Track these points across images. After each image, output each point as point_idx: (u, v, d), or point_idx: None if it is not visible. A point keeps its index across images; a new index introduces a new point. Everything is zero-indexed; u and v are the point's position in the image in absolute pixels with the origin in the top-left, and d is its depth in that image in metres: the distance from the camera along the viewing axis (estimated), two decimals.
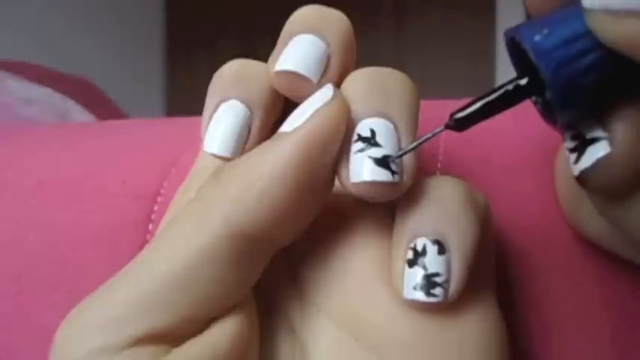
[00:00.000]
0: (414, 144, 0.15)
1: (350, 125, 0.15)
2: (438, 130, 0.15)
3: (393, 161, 0.15)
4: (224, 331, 0.15)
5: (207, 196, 0.15)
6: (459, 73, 1.60)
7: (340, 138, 0.15)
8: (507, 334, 0.16)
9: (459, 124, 0.15)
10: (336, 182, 0.16)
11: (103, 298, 0.14)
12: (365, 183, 0.15)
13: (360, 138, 0.15)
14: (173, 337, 0.14)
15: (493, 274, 0.17)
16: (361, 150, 0.15)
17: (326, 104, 0.15)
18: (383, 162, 0.15)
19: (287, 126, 0.15)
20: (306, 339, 0.16)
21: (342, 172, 0.15)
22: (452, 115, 0.15)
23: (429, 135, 0.15)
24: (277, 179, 0.14)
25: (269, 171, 0.14)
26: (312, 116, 0.15)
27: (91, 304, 0.14)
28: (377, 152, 0.15)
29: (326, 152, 0.15)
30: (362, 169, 0.15)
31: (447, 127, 0.15)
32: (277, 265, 0.16)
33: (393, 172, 0.15)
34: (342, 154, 0.15)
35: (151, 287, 0.14)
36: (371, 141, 0.15)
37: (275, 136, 0.15)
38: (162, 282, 0.14)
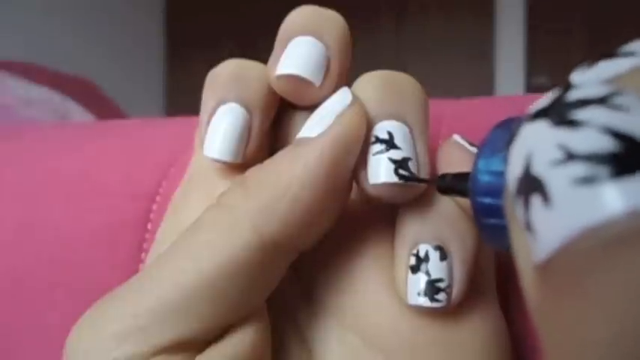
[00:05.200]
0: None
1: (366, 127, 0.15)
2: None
3: (412, 163, 0.15)
4: (244, 337, 0.15)
5: (235, 206, 0.14)
6: (459, 73, 1.60)
7: (362, 141, 0.15)
8: (508, 332, 0.16)
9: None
10: None
11: (121, 307, 0.14)
12: (385, 184, 0.15)
13: (379, 140, 0.15)
14: (196, 344, 0.14)
15: (493, 274, 0.17)
16: (380, 152, 0.15)
17: (348, 108, 0.15)
18: (402, 164, 0.15)
19: (308, 131, 0.15)
20: (313, 340, 0.16)
21: (361, 174, 0.15)
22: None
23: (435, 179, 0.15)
24: (308, 186, 0.14)
25: (299, 178, 0.14)
26: (335, 121, 0.15)
27: (108, 314, 0.14)
28: (397, 154, 0.15)
29: (350, 156, 0.15)
30: (381, 170, 0.15)
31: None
32: None
33: (412, 174, 0.15)
34: (359, 156, 0.15)
35: (177, 297, 0.14)
36: (390, 143, 0.15)
37: (297, 141, 0.15)
38: (190, 291, 0.14)
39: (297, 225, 0.14)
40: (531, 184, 0.09)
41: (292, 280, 0.17)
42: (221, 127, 0.16)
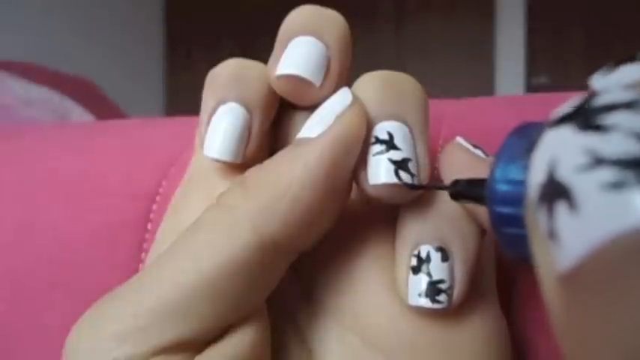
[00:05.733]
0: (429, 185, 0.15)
1: (366, 128, 0.15)
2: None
3: (412, 164, 0.15)
4: (244, 338, 0.15)
5: (235, 206, 0.14)
6: (459, 73, 1.60)
7: (362, 142, 0.15)
8: (509, 333, 0.16)
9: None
10: None
11: (121, 307, 0.14)
12: (384, 185, 0.15)
13: (378, 140, 0.15)
14: (196, 344, 0.14)
15: (494, 275, 0.17)
16: (380, 152, 0.15)
17: (348, 109, 0.15)
18: (402, 164, 0.15)
19: (308, 131, 0.15)
20: (313, 340, 0.16)
21: (360, 174, 0.15)
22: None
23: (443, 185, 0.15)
24: (308, 187, 0.14)
25: (299, 179, 0.14)
26: (335, 121, 0.15)
27: (108, 314, 0.14)
28: (397, 155, 0.15)
29: (350, 157, 0.15)
30: (381, 171, 0.15)
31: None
32: None
33: (412, 175, 0.15)
34: (359, 157, 0.15)
35: (177, 297, 0.14)
36: (390, 144, 0.15)
37: (297, 141, 0.15)
38: (190, 292, 0.14)
39: (297, 225, 0.14)
40: (556, 191, 0.09)
41: (292, 281, 0.17)
42: (221, 126, 0.16)
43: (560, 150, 0.09)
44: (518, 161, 0.12)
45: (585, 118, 0.09)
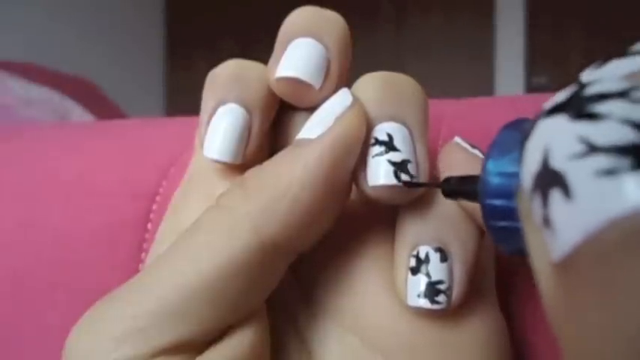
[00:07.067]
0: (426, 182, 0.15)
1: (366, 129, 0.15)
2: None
3: (411, 165, 0.15)
4: (243, 339, 0.15)
5: (235, 207, 0.14)
6: (459, 73, 1.60)
7: (361, 143, 0.15)
8: (508, 333, 0.16)
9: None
10: None
11: (121, 308, 0.14)
12: (384, 187, 0.15)
13: (378, 142, 0.15)
14: (196, 345, 0.14)
15: (493, 276, 0.17)
16: (379, 154, 0.15)
17: (348, 110, 0.15)
18: (402, 166, 0.15)
19: (307, 132, 0.15)
20: (312, 341, 0.16)
21: (360, 175, 0.15)
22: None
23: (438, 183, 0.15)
24: (307, 188, 0.14)
25: (299, 179, 0.14)
26: (335, 123, 0.15)
27: (107, 315, 0.14)
28: (396, 156, 0.15)
29: (350, 158, 0.15)
30: (381, 172, 0.15)
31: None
32: None
33: (411, 176, 0.15)
34: (359, 158, 0.15)
35: (176, 298, 0.14)
36: (389, 145, 0.15)
37: (297, 142, 0.15)
38: (189, 293, 0.14)
39: (296, 226, 0.14)
40: (550, 179, 0.09)
41: (292, 282, 0.17)
42: (221, 127, 0.16)
43: (554, 138, 0.09)
44: (511, 154, 0.12)
45: (578, 106, 0.09)
